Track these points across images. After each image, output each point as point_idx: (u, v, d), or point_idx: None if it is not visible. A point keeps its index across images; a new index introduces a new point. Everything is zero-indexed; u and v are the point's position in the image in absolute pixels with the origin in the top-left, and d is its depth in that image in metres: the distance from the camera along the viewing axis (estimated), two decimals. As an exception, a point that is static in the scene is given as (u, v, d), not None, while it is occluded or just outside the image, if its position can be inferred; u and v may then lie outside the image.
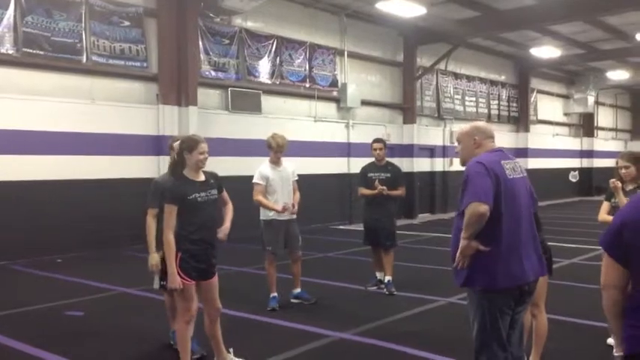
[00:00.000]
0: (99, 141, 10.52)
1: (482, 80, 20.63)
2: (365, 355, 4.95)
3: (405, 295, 6.91)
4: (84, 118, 10.40)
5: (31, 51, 9.79)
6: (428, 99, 18.20)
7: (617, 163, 4.96)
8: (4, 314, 6.18)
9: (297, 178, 6.64)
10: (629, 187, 4.82)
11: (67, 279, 8.05)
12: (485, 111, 20.67)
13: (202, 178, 4.31)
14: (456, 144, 3.56)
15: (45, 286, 7.72)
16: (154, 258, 4.66)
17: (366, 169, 7.40)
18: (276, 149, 6.41)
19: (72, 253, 9.63)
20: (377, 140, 7.51)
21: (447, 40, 17.06)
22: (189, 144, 4.25)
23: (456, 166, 16.46)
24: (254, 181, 6.43)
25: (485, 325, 3.16)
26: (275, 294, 6.50)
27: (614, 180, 4.83)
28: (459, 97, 19.54)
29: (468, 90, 19.98)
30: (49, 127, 9.95)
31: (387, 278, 7.13)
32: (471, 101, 20.04)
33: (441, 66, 18.20)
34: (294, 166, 6.71)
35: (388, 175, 7.19)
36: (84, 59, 10.51)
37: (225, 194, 4.60)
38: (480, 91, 20.59)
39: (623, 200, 4.69)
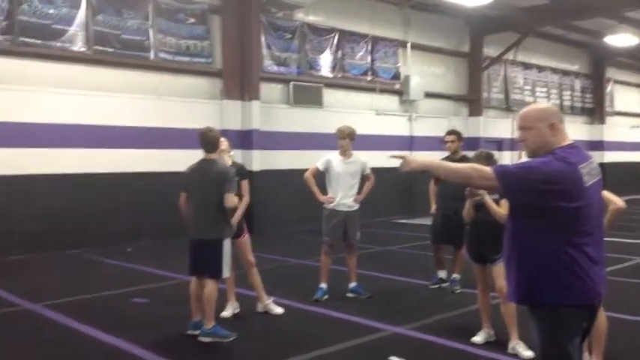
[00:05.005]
0: (165, 135, 10.86)
1: (553, 70, 19.81)
2: (419, 351, 4.86)
3: (468, 291, 6.67)
4: (151, 114, 10.77)
5: (101, 49, 10.22)
6: (495, 90, 17.67)
7: None
8: (75, 299, 6.51)
9: (368, 172, 6.62)
10: None
11: (135, 267, 8.39)
12: (558, 102, 19.82)
13: None
14: (518, 132, 2.84)
15: (114, 274, 8.07)
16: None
17: None
18: (338, 135, 6.44)
19: (141, 242, 10.00)
20: (449, 132, 7.19)
21: (515, 29, 16.47)
22: None
23: (525, 158, 15.90)
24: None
25: (549, 350, 2.67)
26: (324, 285, 6.48)
27: None
28: (529, 88, 18.85)
29: (539, 81, 19.25)
30: (119, 122, 10.36)
31: (454, 276, 6.91)
32: (541, 92, 19.29)
33: (510, 56, 17.58)
34: (365, 159, 6.67)
35: None
36: (151, 56, 10.86)
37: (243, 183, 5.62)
38: (552, 82, 19.79)
39: None
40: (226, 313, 5.74)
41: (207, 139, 5.19)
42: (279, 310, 5.91)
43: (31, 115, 9.40)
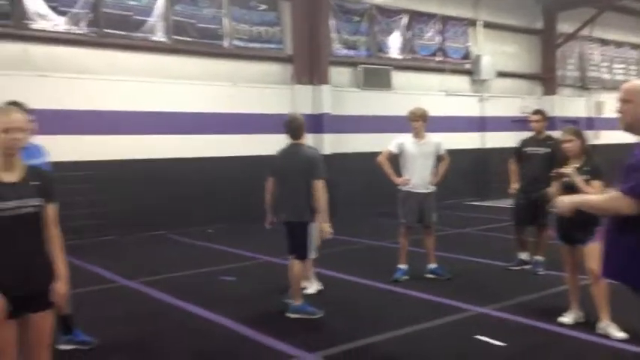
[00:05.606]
0: (240, 121, 11.17)
1: (633, 46, 18.88)
2: (505, 331, 4.87)
3: (552, 273, 6.52)
4: (226, 100, 11.09)
5: (179, 38, 10.60)
6: (570, 68, 17.06)
7: None
8: (167, 277, 6.91)
9: (443, 152, 6.64)
10: None
11: (218, 247, 8.76)
12: (636, 79, 18.94)
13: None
14: (618, 104, 2.85)
15: (199, 254, 8.45)
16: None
17: (522, 143, 6.99)
18: (410, 117, 6.49)
19: (219, 224, 10.39)
20: (534, 112, 7.05)
21: (591, 4, 15.78)
22: None
23: (605, 138, 15.37)
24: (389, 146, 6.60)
25: None
26: (402, 266, 6.57)
27: None
28: (607, 65, 18.08)
29: (617, 57, 18.42)
30: (197, 108, 10.73)
31: (536, 258, 6.82)
32: (619, 69, 18.45)
33: (585, 32, 16.88)
34: (439, 140, 6.69)
35: (547, 150, 6.59)
36: (225, 44, 11.16)
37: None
38: (631, 58, 18.89)
39: None
40: (310, 290, 5.93)
41: (292, 127, 5.35)
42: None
43: (117, 103, 9.90)
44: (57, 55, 9.42)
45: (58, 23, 9.42)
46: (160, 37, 10.40)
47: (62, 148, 9.33)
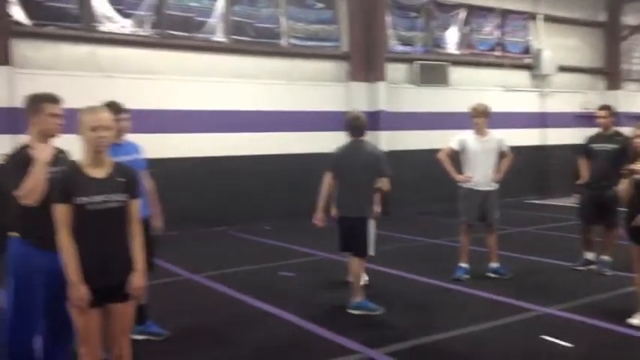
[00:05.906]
0: (296, 118, 11.28)
1: None
2: (572, 331, 4.76)
3: (619, 274, 6.30)
4: (284, 98, 11.23)
5: (238, 38, 10.81)
6: (636, 62, 16.38)
7: None
8: (230, 271, 7.09)
9: (505, 149, 6.53)
10: None
11: (276, 244, 8.90)
12: None
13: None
14: None
15: (258, 250, 8.62)
16: None
17: (589, 139, 6.74)
18: (472, 114, 6.42)
19: (277, 220, 10.54)
20: (601, 107, 6.80)
21: (659, -6, 15.13)
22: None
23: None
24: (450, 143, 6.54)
25: None
26: (464, 265, 6.49)
27: None
28: (675, 57, 17.25)
29: (686, 49, 17.54)
30: (254, 106, 10.90)
31: (603, 258, 6.59)
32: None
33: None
34: (501, 136, 6.60)
35: (615, 146, 6.35)
36: (283, 42, 11.31)
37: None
38: (702, 49, 17.94)
39: None
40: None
41: (354, 125, 5.38)
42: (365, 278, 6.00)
43: (178, 102, 10.19)
44: (122, 56, 9.77)
45: (124, 25, 9.77)
46: (219, 37, 10.64)
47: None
